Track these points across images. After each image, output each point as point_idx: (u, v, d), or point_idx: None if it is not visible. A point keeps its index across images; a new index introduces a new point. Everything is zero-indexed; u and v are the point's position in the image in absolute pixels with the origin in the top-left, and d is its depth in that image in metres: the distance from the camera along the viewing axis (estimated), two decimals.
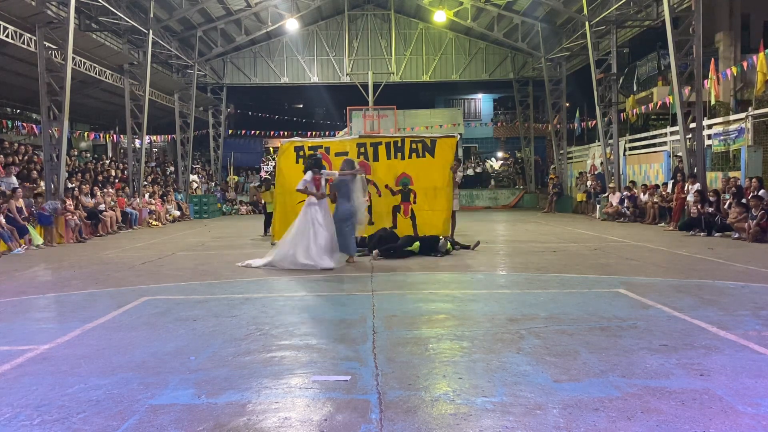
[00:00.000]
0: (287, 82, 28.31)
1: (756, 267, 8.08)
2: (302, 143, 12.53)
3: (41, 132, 14.70)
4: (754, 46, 17.63)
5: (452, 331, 4.84)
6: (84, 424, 3.07)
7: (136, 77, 19.28)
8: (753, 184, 12.44)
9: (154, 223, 18.76)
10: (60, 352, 4.41)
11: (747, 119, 15.04)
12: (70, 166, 18.19)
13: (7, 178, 14.32)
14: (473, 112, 36.96)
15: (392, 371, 3.80)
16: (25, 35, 13.87)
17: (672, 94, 16.29)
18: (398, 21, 27.56)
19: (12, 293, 7.02)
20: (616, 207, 17.91)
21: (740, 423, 2.97)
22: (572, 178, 25.16)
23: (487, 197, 28.17)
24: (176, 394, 3.47)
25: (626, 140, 21.05)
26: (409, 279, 7.69)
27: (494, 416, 3.08)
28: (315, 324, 5.19)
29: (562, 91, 25.64)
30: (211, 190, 27.30)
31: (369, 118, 24.61)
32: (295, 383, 3.65)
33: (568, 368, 3.81)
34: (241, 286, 7.31)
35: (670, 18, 14.71)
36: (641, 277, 7.45)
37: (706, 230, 12.72)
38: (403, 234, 12.29)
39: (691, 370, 3.76)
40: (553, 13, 23.21)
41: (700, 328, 4.81)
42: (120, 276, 8.19)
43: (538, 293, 6.48)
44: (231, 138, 31.37)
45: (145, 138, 20.39)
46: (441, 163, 12.15)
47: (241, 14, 23.88)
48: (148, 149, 24.69)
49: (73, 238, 13.62)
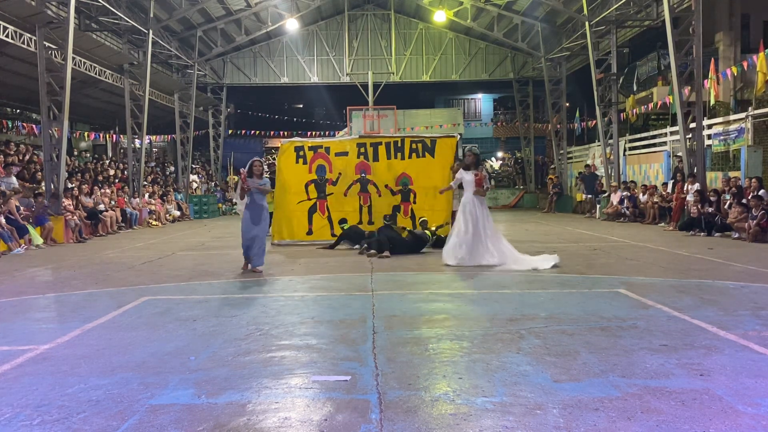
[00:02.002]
0: (287, 82, 28.32)
1: (756, 267, 8.08)
2: (302, 143, 12.54)
3: (41, 132, 14.70)
4: (754, 46, 17.63)
5: (452, 331, 4.84)
6: (84, 424, 3.07)
7: (136, 77, 19.27)
8: (753, 184, 12.44)
9: (154, 223, 18.75)
10: (60, 352, 4.41)
11: (747, 119, 15.04)
12: (70, 166, 18.19)
13: (7, 178, 14.32)
14: (473, 112, 36.94)
15: (392, 371, 3.80)
16: (25, 35, 13.87)
17: (672, 94, 16.28)
18: (398, 21, 27.56)
19: (12, 293, 7.02)
20: (616, 207, 17.91)
21: (740, 423, 2.96)
22: (572, 178, 25.17)
23: (487, 197, 28.10)
24: (176, 394, 3.47)
25: (626, 140, 21.06)
26: (409, 279, 7.69)
27: (494, 416, 3.08)
28: (315, 324, 5.19)
29: (562, 91, 25.64)
30: (211, 190, 27.30)
31: (369, 118, 24.59)
32: (295, 383, 3.64)
33: (568, 368, 3.81)
34: (241, 286, 7.31)
35: (670, 18, 14.71)
36: (641, 277, 7.45)
37: (706, 230, 12.72)
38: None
39: (691, 370, 3.76)
40: (553, 13, 23.22)
41: (700, 328, 4.81)
42: (120, 276, 8.19)
43: (538, 293, 6.48)
44: (231, 138, 31.38)
45: (145, 138, 20.39)
46: (441, 163, 12.16)
47: (241, 14, 23.88)
48: (148, 149, 24.70)
49: (73, 238, 13.62)
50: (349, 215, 12.20)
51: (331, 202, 12.25)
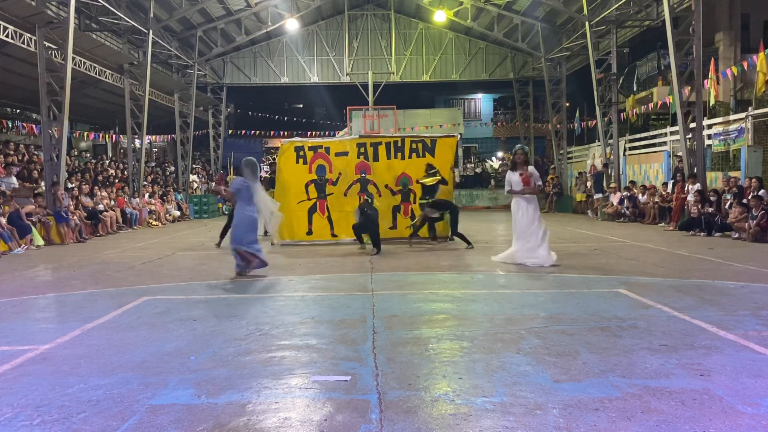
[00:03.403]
0: (287, 82, 28.30)
1: (756, 267, 8.08)
2: (302, 143, 12.54)
3: (41, 132, 14.70)
4: (754, 46, 17.64)
5: (452, 331, 4.84)
6: (84, 424, 3.07)
7: (136, 77, 19.27)
8: (753, 184, 12.44)
9: (154, 223, 18.76)
10: (60, 352, 4.41)
11: (747, 119, 15.04)
12: (70, 166, 18.19)
13: (7, 178, 14.32)
14: (473, 112, 36.97)
15: (392, 371, 3.80)
16: (25, 35, 13.87)
17: (672, 94, 16.28)
18: (398, 21, 27.55)
19: (12, 293, 7.02)
20: (616, 207, 17.91)
21: (740, 423, 2.96)
22: (572, 178, 25.16)
23: (487, 197, 28.15)
24: (176, 394, 3.47)
25: (626, 140, 21.05)
26: (409, 279, 7.69)
27: (494, 416, 3.08)
28: (315, 324, 5.19)
29: (562, 91, 25.64)
30: (211, 190, 27.28)
31: (369, 118, 24.61)
32: (295, 383, 3.64)
33: (568, 368, 3.81)
34: (241, 286, 7.31)
35: (670, 18, 14.71)
36: (641, 277, 7.44)
37: (706, 230, 12.72)
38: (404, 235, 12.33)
39: (691, 370, 3.76)
40: (553, 13, 23.22)
41: (700, 328, 4.81)
42: (120, 276, 8.19)
43: (538, 293, 6.48)
44: (231, 138, 31.37)
45: (145, 138, 20.39)
46: (441, 163, 12.17)
47: (241, 14, 23.87)
48: (148, 149, 24.71)
49: (73, 238, 13.62)
50: (349, 215, 12.21)
51: (331, 202, 12.25)
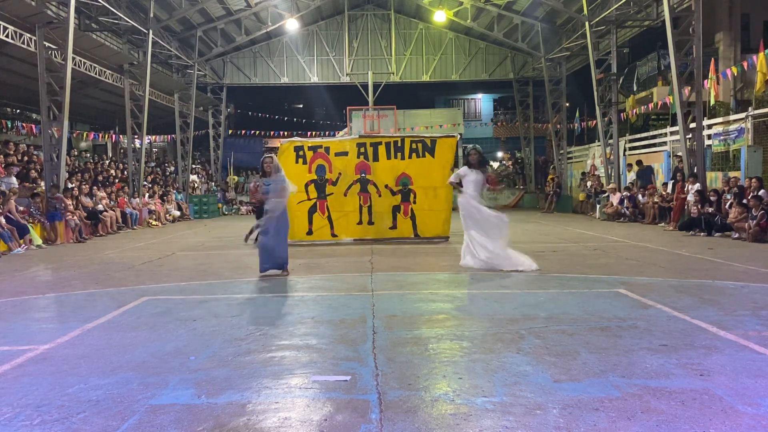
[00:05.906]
0: (287, 82, 28.31)
1: (756, 267, 8.08)
2: (302, 143, 12.54)
3: (41, 132, 14.70)
4: (754, 46, 17.63)
5: (452, 331, 4.84)
6: (84, 424, 3.07)
7: (136, 77, 19.27)
8: (753, 184, 12.43)
9: (154, 223, 18.75)
10: (60, 352, 4.41)
11: (747, 119, 15.03)
12: (70, 166, 18.18)
13: (7, 178, 14.32)
14: (473, 112, 36.98)
15: (392, 371, 3.80)
16: (25, 35, 13.87)
17: (672, 94, 16.28)
18: (398, 21, 27.55)
19: (12, 293, 7.02)
20: (616, 207, 17.91)
21: (740, 423, 2.96)
22: (572, 178, 25.15)
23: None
24: (176, 394, 3.47)
25: (626, 140, 21.05)
26: (409, 279, 7.69)
27: (494, 416, 3.08)
28: (315, 324, 5.19)
29: (562, 91, 25.63)
30: (211, 190, 27.29)
31: (369, 118, 24.60)
32: (295, 383, 3.64)
33: (568, 368, 3.81)
34: (241, 286, 7.31)
35: (670, 18, 14.70)
36: (641, 277, 7.44)
37: (706, 230, 12.72)
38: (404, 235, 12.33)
39: (691, 370, 3.76)
40: (553, 13, 23.22)
41: (700, 328, 4.81)
42: (120, 276, 8.19)
43: (538, 293, 6.48)
44: (231, 138, 31.37)
45: (145, 138, 20.38)
46: (441, 163, 12.16)
47: (241, 14, 23.88)
48: (148, 149, 24.70)
49: (73, 238, 13.62)
50: (348, 215, 12.21)
51: (331, 202, 12.25)
